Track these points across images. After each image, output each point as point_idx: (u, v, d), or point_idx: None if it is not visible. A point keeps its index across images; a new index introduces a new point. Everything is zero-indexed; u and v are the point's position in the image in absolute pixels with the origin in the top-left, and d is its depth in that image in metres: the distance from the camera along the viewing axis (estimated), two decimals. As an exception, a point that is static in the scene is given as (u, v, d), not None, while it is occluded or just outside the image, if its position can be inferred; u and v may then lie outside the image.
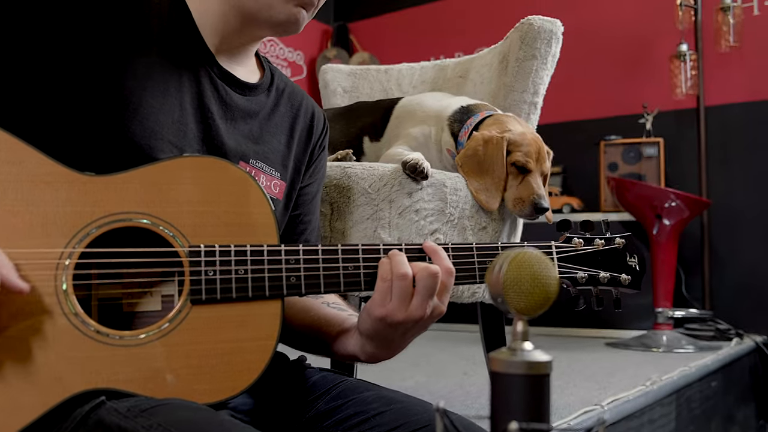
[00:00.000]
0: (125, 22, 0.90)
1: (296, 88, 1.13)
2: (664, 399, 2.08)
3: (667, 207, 3.03)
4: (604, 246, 0.99)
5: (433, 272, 0.85)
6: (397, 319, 0.85)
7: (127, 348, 0.78)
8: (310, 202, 1.12)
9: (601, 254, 0.99)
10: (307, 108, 1.12)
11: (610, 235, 1.00)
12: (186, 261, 0.81)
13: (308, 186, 1.11)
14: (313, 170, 1.12)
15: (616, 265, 1.00)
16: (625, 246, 1.00)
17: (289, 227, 1.08)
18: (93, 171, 0.81)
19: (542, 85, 1.66)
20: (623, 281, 0.99)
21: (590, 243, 0.99)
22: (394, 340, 0.90)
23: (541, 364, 0.54)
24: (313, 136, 1.11)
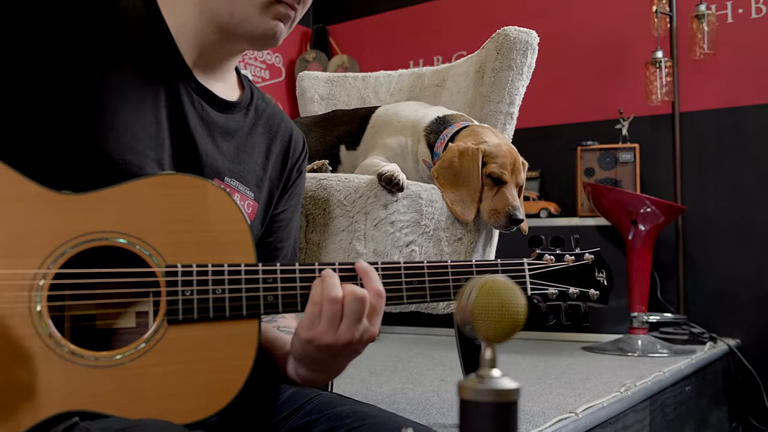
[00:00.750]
0: (101, 37, 0.90)
1: (276, 110, 1.12)
2: (638, 405, 2.11)
3: (643, 213, 3.07)
4: (574, 262, 1.02)
5: (360, 296, 0.83)
6: (325, 342, 0.84)
7: (103, 369, 0.78)
8: (285, 228, 1.11)
9: (570, 270, 1.02)
10: (285, 131, 1.11)
11: (579, 251, 1.03)
12: (163, 281, 0.81)
13: (283, 212, 1.10)
14: (289, 196, 1.11)
15: (585, 281, 1.03)
16: (594, 262, 1.03)
17: (261, 254, 1.07)
18: (70, 187, 0.80)
19: (518, 96, 1.67)
20: (592, 296, 1.02)
21: (560, 259, 1.02)
22: (325, 364, 0.88)
23: (509, 391, 0.55)
24: (290, 161, 1.10)
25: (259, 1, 0.93)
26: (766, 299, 3.29)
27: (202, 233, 0.85)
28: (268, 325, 1.03)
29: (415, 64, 4.47)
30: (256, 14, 0.94)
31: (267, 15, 0.94)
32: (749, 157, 3.40)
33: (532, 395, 2.05)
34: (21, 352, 0.75)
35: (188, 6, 0.96)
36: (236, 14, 0.94)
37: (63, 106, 0.85)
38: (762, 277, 3.32)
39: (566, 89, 3.86)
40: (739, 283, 3.37)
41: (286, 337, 0.97)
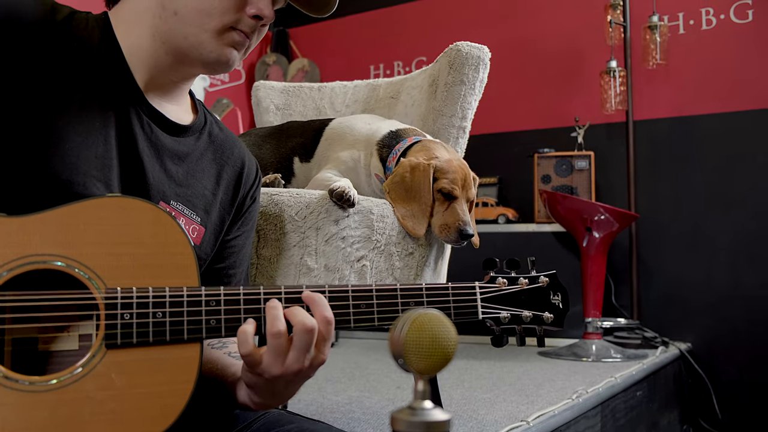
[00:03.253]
0: (50, 55, 0.89)
1: (230, 137, 1.11)
2: (589, 411, 2.15)
3: (597, 220, 3.13)
4: (528, 285, 1.02)
5: (309, 328, 0.82)
6: (273, 373, 0.84)
7: (37, 394, 0.77)
8: (237, 254, 1.10)
9: (524, 293, 1.02)
10: (237, 158, 1.10)
11: (534, 274, 1.03)
12: (102, 305, 0.81)
13: (236, 238, 1.09)
14: (242, 222, 1.10)
15: (539, 304, 1.02)
16: (549, 284, 1.03)
17: (213, 280, 1.06)
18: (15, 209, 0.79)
19: (470, 110, 1.69)
20: (546, 319, 1.02)
21: (514, 282, 1.02)
22: (276, 391, 0.88)
23: (440, 423, 0.56)
24: (242, 188, 1.10)
25: (213, 27, 0.92)
26: (716, 304, 3.38)
27: (145, 256, 0.84)
28: (219, 352, 1.02)
29: (375, 69, 4.48)
30: (209, 39, 0.93)
31: (221, 41, 0.94)
32: (700, 164, 3.48)
33: (485, 402, 2.07)
34: None
35: (142, 28, 0.95)
36: (189, 38, 0.93)
37: (10, 125, 0.84)
38: (712, 282, 3.40)
39: (524, 96, 3.91)
40: (690, 289, 3.45)
41: (237, 364, 0.96)
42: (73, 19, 0.93)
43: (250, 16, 0.94)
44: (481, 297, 0.99)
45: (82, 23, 0.94)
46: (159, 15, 0.94)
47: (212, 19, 0.92)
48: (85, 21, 0.95)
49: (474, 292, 0.99)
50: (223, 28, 0.93)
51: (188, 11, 0.92)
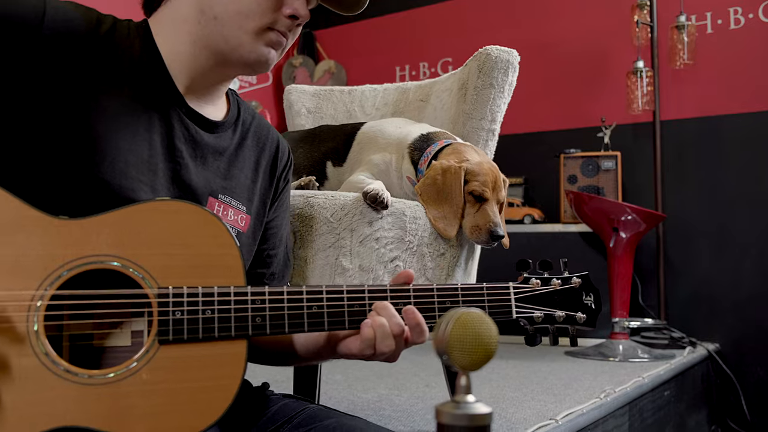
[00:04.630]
0: (95, 66, 0.93)
1: (262, 122, 1.16)
2: (617, 410, 2.16)
3: (624, 220, 3.13)
4: (561, 286, 1.05)
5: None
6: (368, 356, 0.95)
7: (95, 387, 0.82)
8: (276, 235, 1.15)
9: (557, 294, 1.04)
10: (272, 142, 1.15)
11: (567, 275, 1.06)
12: (155, 302, 0.85)
13: (274, 219, 1.15)
14: (278, 204, 1.16)
15: (572, 304, 1.05)
16: (582, 285, 1.06)
17: (255, 262, 1.12)
18: (67, 212, 0.84)
19: (499, 113, 1.72)
20: (579, 320, 1.05)
21: (547, 283, 1.04)
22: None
23: (482, 416, 0.59)
24: (277, 170, 1.15)
25: (252, 28, 0.97)
26: (744, 304, 3.36)
27: (194, 257, 0.89)
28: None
29: (401, 70, 4.52)
30: (249, 40, 0.98)
31: (260, 42, 0.98)
32: (727, 164, 3.47)
33: (514, 401, 2.10)
34: (18, 370, 0.78)
35: (182, 34, 0.99)
36: (230, 40, 0.97)
37: (60, 134, 0.88)
38: (740, 282, 3.39)
39: (550, 97, 3.92)
40: (718, 289, 3.44)
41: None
42: (116, 30, 0.98)
43: (287, 16, 0.98)
44: (515, 297, 1.02)
45: (124, 32, 0.98)
46: (199, 20, 0.98)
47: (251, 20, 0.97)
48: (126, 30, 0.99)
49: (508, 292, 1.02)
50: (261, 28, 0.98)
51: (227, 14, 0.97)
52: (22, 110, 0.87)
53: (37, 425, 0.78)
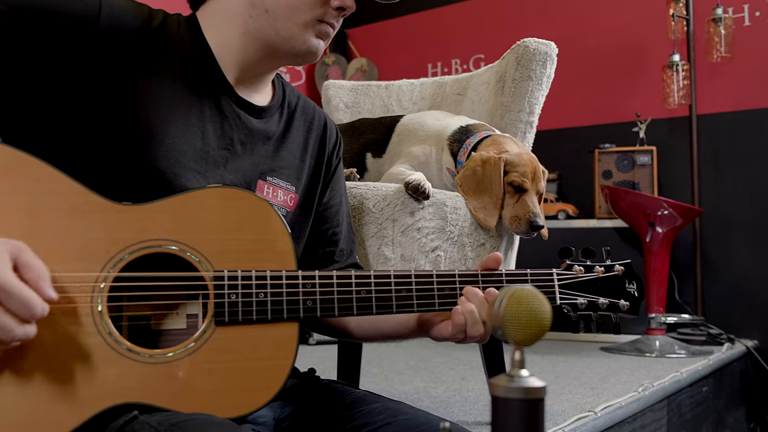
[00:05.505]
0: (148, 59, 0.97)
1: (307, 102, 1.20)
2: (655, 405, 2.16)
3: (660, 215, 3.11)
4: (604, 273, 1.05)
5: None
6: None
7: (156, 365, 0.85)
8: (337, 215, 1.19)
9: (600, 281, 1.05)
10: (319, 120, 1.19)
11: (610, 263, 1.06)
12: (211, 285, 0.88)
13: (331, 199, 1.18)
14: (333, 182, 1.19)
15: (615, 292, 1.06)
16: (625, 273, 1.06)
17: (319, 242, 1.15)
18: (126, 199, 0.88)
19: (537, 105, 1.73)
20: (622, 307, 1.05)
21: (590, 270, 1.05)
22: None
23: (537, 389, 0.61)
24: (327, 147, 1.18)
25: (303, 20, 1.00)
26: (783, 300, 3.32)
27: (247, 242, 0.92)
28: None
29: (433, 67, 4.53)
30: (300, 32, 1.01)
31: (310, 33, 1.01)
32: (765, 158, 3.42)
33: (551, 394, 2.10)
34: (84, 348, 0.82)
35: (231, 27, 1.02)
36: (281, 32, 1.01)
37: (116, 124, 0.92)
38: (779, 279, 3.34)
39: (584, 92, 3.89)
40: (757, 284, 3.39)
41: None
42: (167, 24, 1.01)
43: (335, 8, 1.01)
44: (558, 283, 1.03)
45: (174, 26, 1.02)
46: (250, 14, 1.01)
47: (302, 13, 1.00)
48: (176, 24, 1.03)
49: (552, 278, 1.03)
50: (311, 20, 1.01)
51: (279, 8, 1.00)
52: (82, 103, 0.91)
53: (102, 401, 0.82)
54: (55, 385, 0.81)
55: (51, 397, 0.80)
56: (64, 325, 0.82)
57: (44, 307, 0.75)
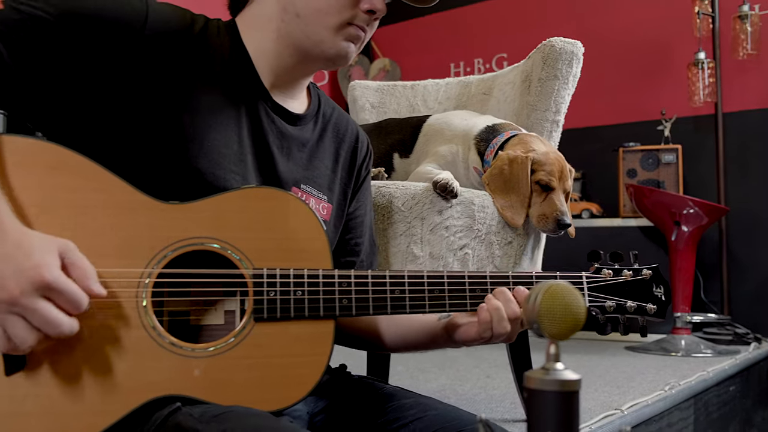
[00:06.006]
0: (190, 63, 0.99)
1: (342, 114, 1.21)
2: (682, 403, 2.15)
3: (686, 214, 3.10)
4: (632, 277, 1.07)
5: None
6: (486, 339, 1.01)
7: (198, 359, 0.88)
8: (361, 225, 1.20)
9: (628, 285, 1.06)
10: (351, 133, 1.20)
11: (637, 267, 1.07)
12: (250, 282, 0.91)
13: (357, 209, 1.20)
14: (360, 194, 1.20)
15: (642, 295, 1.07)
16: (652, 277, 1.07)
17: (341, 251, 1.17)
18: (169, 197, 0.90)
19: (564, 104, 1.74)
20: (649, 310, 1.06)
21: (619, 274, 1.06)
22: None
23: (572, 382, 0.63)
24: (357, 160, 1.20)
25: (332, 24, 1.01)
26: (811, 300, 3.28)
27: (285, 241, 0.94)
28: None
29: (456, 67, 4.54)
30: (329, 36, 1.02)
31: (340, 37, 1.03)
32: (793, 157, 3.39)
33: (577, 393, 2.10)
34: (129, 341, 0.85)
35: (266, 32, 1.05)
36: (312, 36, 1.02)
37: (159, 126, 0.95)
38: (807, 278, 3.31)
39: (608, 90, 3.88)
40: (785, 284, 3.37)
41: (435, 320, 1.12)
42: (208, 29, 1.04)
43: (365, 11, 1.02)
44: (587, 286, 1.04)
45: (214, 31, 1.05)
46: (282, 18, 1.03)
47: (331, 17, 1.01)
48: (216, 29, 1.05)
49: (581, 281, 1.04)
50: (341, 24, 1.02)
51: (309, 12, 1.02)
52: (126, 104, 0.94)
53: (146, 393, 0.85)
54: (101, 376, 0.84)
55: (97, 389, 0.83)
56: (110, 319, 0.85)
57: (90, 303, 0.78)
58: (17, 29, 0.87)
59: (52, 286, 0.75)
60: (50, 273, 0.75)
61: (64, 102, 0.92)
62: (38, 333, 0.76)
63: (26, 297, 0.75)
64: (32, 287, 0.75)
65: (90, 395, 0.83)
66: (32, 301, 0.75)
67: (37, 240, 0.78)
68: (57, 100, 0.92)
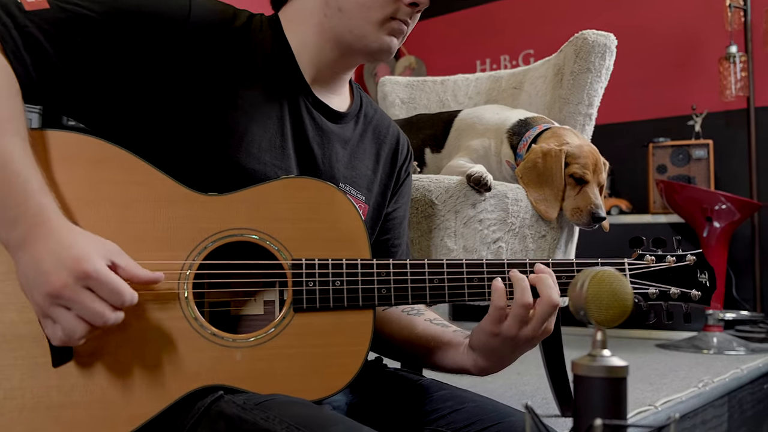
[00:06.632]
0: (233, 58, 1.00)
1: (384, 116, 1.21)
2: (716, 401, 2.13)
3: (717, 209, 3.06)
4: (675, 263, 1.04)
5: (554, 304, 0.92)
6: (510, 335, 0.93)
7: (239, 349, 0.89)
8: (399, 226, 1.19)
9: (672, 271, 1.04)
10: (392, 135, 1.20)
11: (681, 252, 1.05)
12: (289, 273, 0.91)
13: (395, 210, 1.19)
14: (399, 195, 1.20)
15: (686, 281, 1.04)
16: (696, 263, 1.05)
17: (378, 251, 1.16)
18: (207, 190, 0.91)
19: (596, 97, 1.73)
20: (694, 297, 1.04)
21: (662, 260, 1.04)
22: (505, 355, 0.97)
23: (620, 368, 0.62)
24: (398, 162, 1.19)
25: (376, 18, 1.01)
26: None
27: (323, 231, 0.95)
28: (418, 319, 1.11)
29: (481, 64, 4.52)
30: (372, 30, 1.02)
31: (383, 31, 1.02)
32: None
33: (609, 389, 2.09)
34: (172, 332, 0.86)
35: (308, 27, 1.05)
36: (354, 31, 1.02)
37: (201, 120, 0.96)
38: (843, 275, 3.25)
39: (637, 86, 3.84)
40: (819, 280, 3.31)
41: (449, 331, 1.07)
42: (251, 24, 1.04)
43: (407, 4, 1.01)
44: (630, 273, 1.03)
45: (257, 26, 1.05)
46: (324, 13, 1.03)
47: (374, 11, 1.01)
48: (260, 24, 1.06)
49: (623, 268, 1.03)
50: (384, 18, 1.01)
51: (351, 6, 1.01)
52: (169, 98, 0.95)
53: (189, 383, 0.86)
54: (146, 367, 0.85)
55: (142, 379, 0.85)
56: (153, 310, 0.86)
57: (133, 295, 0.79)
58: (63, 28, 0.89)
59: (93, 277, 0.77)
60: (91, 264, 0.77)
61: (108, 97, 0.93)
62: (86, 324, 0.78)
63: (69, 288, 0.76)
64: (74, 278, 0.76)
65: (136, 385, 0.84)
66: (75, 292, 0.76)
67: (81, 237, 0.80)
68: (102, 95, 0.93)
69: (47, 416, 0.82)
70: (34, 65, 0.87)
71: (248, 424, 0.81)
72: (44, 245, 0.77)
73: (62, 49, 0.89)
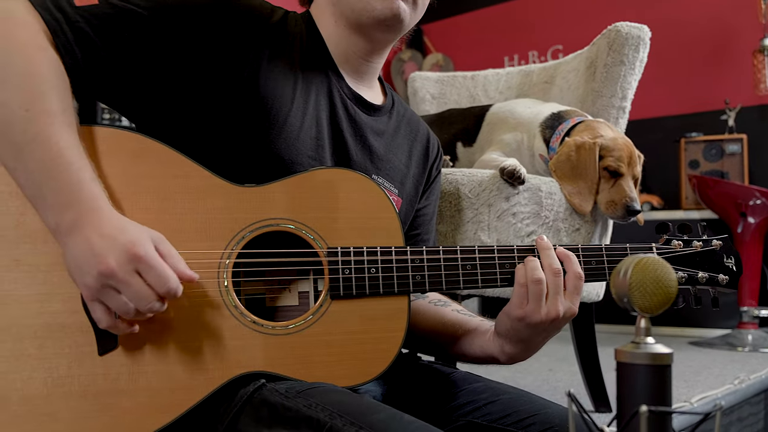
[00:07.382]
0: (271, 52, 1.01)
1: (414, 115, 1.22)
2: (752, 398, 2.10)
3: (752, 205, 3.01)
4: (702, 248, 1.04)
5: (556, 270, 0.94)
6: (534, 319, 0.94)
7: (279, 337, 0.90)
8: (428, 223, 1.20)
9: (699, 255, 1.04)
10: (423, 133, 1.21)
11: (707, 237, 1.05)
12: (325, 261, 0.92)
13: (426, 207, 1.20)
14: (430, 192, 1.21)
15: (713, 266, 1.04)
16: (723, 247, 1.05)
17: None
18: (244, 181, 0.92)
19: (630, 90, 1.71)
20: (721, 281, 1.04)
21: (688, 245, 1.04)
22: (531, 340, 0.98)
23: (664, 355, 0.62)
24: (429, 159, 1.20)
25: None
26: None
27: (357, 220, 0.95)
28: (446, 309, 1.12)
29: (509, 60, 4.50)
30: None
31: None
32: None
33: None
34: (214, 320, 0.88)
35: (328, 16, 1.07)
36: (355, 6, 1.03)
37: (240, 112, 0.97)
38: None
39: (669, 80, 3.79)
40: None
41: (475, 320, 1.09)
42: (287, 19, 1.06)
43: None
44: None
45: (293, 21, 1.07)
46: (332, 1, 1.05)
47: None
48: (294, 20, 1.07)
49: (651, 252, 1.03)
50: None
51: None
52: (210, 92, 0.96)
53: (231, 370, 0.87)
54: (189, 354, 0.86)
55: (186, 366, 0.86)
56: (195, 299, 0.87)
57: (178, 283, 0.80)
58: (111, 23, 0.91)
59: (144, 260, 0.78)
60: (143, 248, 0.79)
61: (153, 90, 0.95)
62: (134, 308, 0.79)
63: (121, 270, 0.78)
64: (127, 260, 0.78)
65: (179, 372, 0.86)
66: (127, 274, 0.78)
67: (131, 224, 0.82)
68: (147, 88, 0.95)
69: (94, 403, 0.83)
70: (84, 59, 0.89)
71: (291, 411, 0.82)
72: (97, 229, 0.79)
73: (110, 44, 0.90)
